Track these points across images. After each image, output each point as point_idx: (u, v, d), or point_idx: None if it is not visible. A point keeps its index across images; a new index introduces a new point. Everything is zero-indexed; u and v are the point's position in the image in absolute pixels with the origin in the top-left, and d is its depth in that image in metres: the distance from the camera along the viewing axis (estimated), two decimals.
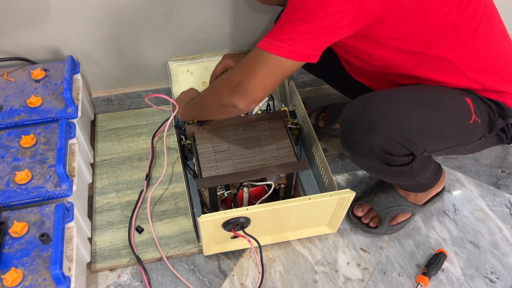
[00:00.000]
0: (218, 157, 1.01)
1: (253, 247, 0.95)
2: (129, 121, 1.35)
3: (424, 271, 1.03)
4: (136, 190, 1.18)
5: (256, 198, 1.03)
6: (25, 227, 0.87)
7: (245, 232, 0.95)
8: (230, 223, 0.91)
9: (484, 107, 0.90)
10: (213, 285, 1.02)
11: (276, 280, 1.04)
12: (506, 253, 1.09)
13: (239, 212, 0.90)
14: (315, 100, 1.45)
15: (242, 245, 1.05)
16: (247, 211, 0.90)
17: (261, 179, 1.00)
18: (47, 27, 1.10)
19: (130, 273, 1.03)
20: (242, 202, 1.03)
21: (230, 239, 1.02)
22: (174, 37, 1.20)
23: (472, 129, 0.88)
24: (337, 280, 1.04)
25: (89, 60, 1.22)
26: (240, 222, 0.92)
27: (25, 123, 1.04)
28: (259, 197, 1.03)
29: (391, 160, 0.85)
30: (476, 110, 0.88)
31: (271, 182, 1.00)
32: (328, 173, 1.04)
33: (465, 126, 0.87)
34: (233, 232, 0.94)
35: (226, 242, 1.03)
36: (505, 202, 1.20)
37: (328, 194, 0.94)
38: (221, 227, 0.93)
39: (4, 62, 1.13)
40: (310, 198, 0.92)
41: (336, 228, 1.08)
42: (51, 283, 0.80)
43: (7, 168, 0.95)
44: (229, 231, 0.94)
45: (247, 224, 0.94)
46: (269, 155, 1.01)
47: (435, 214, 1.17)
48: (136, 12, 1.12)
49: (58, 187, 0.92)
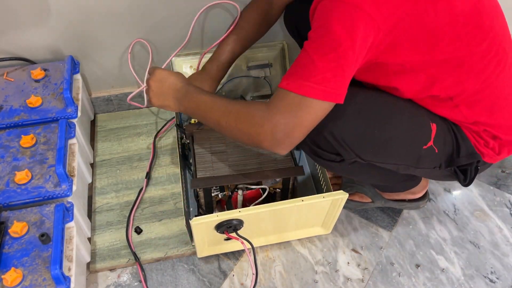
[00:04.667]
0: (214, 158, 1.01)
1: (246, 249, 0.95)
2: (128, 121, 1.35)
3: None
4: (135, 190, 1.18)
5: (251, 201, 1.02)
6: (25, 227, 0.87)
7: (238, 234, 0.95)
8: (223, 225, 0.91)
9: (452, 140, 0.88)
10: (213, 285, 1.02)
11: (276, 280, 1.04)
12: (506, 253, 1.09)
13: (232, 214, 0.90)
14: None
15: (237, 247, 1.04)
16: (239, 213, 0.90)
17: (257, 182, 1.00)
18: (47, 27, 1.10)
19: (130, 273, 1.03)
20: (236, 205, 1.03)
21: (224, 241, 1.02)
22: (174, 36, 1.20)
23: (424, 154, 0.86)
24: (337, 280, 1.04)
25: (89, 60, 1.21)
26: (233, 224, 0.92)
27: (25, 123, 1.03)
28: (254, 200, 1.02)
29: (318, 152, 0.87)
30: (438, 138, 0.86)
31: (265, 186, 1.00)
32: (325, 177, 1.04)
33: (415, 149, 0.84)
34: (226, 234, 0.94)
35: (220, 244, 1.03)
36: (505, 202, 1.20)
37: (321, 196, 0.94)
38: (214, 229, 0.93)
39: (4, 62, 1.13)
40: (303, 200, 0.92)
41: (330, 229, 1.08)
42: (51, 283, 0.80)
43: (7, 168, 0.95)
44: (222, 233, 0.94)
45: (240, 226, 0.94)
46: (266, 158, 1.01)
47: (435, 214, 1.17)
48: (136, 12, 1.12)
49: (58, 187, 0.92)
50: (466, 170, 0.91)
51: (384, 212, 1.17)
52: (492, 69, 0.81)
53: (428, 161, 0.89)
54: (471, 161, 0.89)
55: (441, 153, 0.88)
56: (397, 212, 1.17)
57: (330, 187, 1.00)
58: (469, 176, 0.92)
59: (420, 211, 1.17)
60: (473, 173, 0.92)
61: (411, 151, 0.79)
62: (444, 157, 0.89)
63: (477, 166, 0.91)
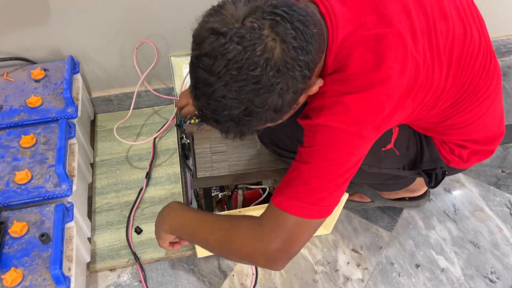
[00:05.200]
0: (214, 158, 1.01)
1: None
2: (129, 121, 1.35)
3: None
4: (135, 190, 1.18)
5: (251, 201, 1.02)
6: (25, 227, 0.87)
7: None
8: None
9: (416, 145, 0.89)
10: (213, 285, 1.02)
11: (276, 280, 1.04)
12: (506, 253, 1.09)
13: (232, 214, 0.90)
14: None
15: None
16: (239, 213, 0.90)
17: (257, 182, 0.99)
18: (47, 27, 1.10)
19: (130, 273, 1.03)
20: (236, 205, 1.03)
21: None
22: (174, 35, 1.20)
23: (384, 155, 0.87)
24: (337, 280, 1.04)
25: (89, 60, 1.21)
26: None
27: (25, 123, 1.03)
28: (254, 200, 1.02)
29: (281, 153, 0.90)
30: (399, 142, 0.86)
31: (265, 186, 1.00)
32: None
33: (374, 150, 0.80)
34: None
35: None
36: (505, 202, 1.20)
37: None
38: None
39: (4, 62, 1.13)
40: None
41: (330, 229, 1.08)
42: (51, 283, 0.80)
43: (7, 168, 0.95)
44: None
45: None
46: (266, 159, 1.01)
47: (435, 214, 1.17)
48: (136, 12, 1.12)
49: (58, 187, 0.92)
50: (431, 174, 0.92)
51: (384, 212, 1.17)
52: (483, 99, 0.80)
53: (389, 162, 0.89)
54: (434, 166, 0.90)
55: (403, 156, 0.88)
56: (397, 212, 1.17)
57: None
58: (435, 179, 0.92)
59: (420, 211, 1.17)
60: (440, 177, 0.92)
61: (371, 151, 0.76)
62: (407, 160, 0.90)
63: (445, 171, 0.92)
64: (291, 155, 0.86)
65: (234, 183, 0.97)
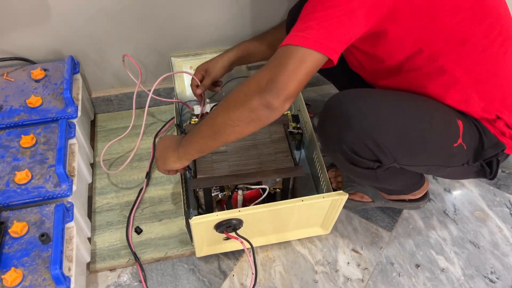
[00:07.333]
0: (214, 158, 1.01)
1: (245, 248, 0.95)
2: (129, 121, 1.35)
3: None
4: (135, 190, 1.18)
5: (251, 201, 1.02)
6: (25, 227, 0.87)
7: (237, 234, 0.94)
8: (222, 225, 0.91)
9: (476, 134, 0.87)
10: (213, 285, 1.02)
11: (276, 280, 1.04)
12: (506, 253, 1.09)
13: (231, 214, 0.90)
14: (315, 100, 1.45)
15: (236, 246, 1.04)
16: (239, 213, 0.90)
17: (257, 182, 1.00)
18: (47, 27, 1.10)
19: (130, 273, 1.03)
20: (236, 205, 1.03)
21: (223, 241, 1.02)
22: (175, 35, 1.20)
23: (454, 152, 0.85)
24: (337, 280, 1.04)
25: (89, 60, 1.21)
26: (233, 223, 0.92)
27: (25, 123, 1.03)
28: (254, 200, 1.02)
29: (356, 160, 0.82)
30: (465, 135, 0.84)
31: (265, 186, 1.00)
32: (325, 178, 1.04)
33: (447, 148, 0.82)
34: (226, 234, 0.94)
35: (219, 244, 1.03)
36: (505, 202, 1.20)
37: (321, 196, 0.93)
38: (214, 229, 0.93)
39: (4, 62, 1.13)
40: (302, 200, 0.92)
41: (329, 229, 1.08)
42: (51, 283, 0.80)
43: (7, 168, 0.95)
44: (222, 232, 0.94)
45: (240, 226, 0.94)
46: (266, 159, 1.01)
47: (435, 214, 1.17)
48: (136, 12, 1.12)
49: (58, 187, 0.92)
50: (491, 163, 0.90)
51: (384, 212, 1.17)
52: (497, 48, 0.79)
53: (458, 159, 0.88)
54: (497, 151, 0.88)
55: (469, 149, 0.86)
56: (397, 212, 1.17)
57: (330, 187, 1.00)
58: (494, 168, 0.91)
59: (420, 211, 1.17)
60: (495, 166, 0.91)
61: (443, 150, 0.77)
62: (472, 152, 0.88)
63: (498, 158, 0.90)
64: (368, 164, 0.83)
65: (234, 183, 0.97)
